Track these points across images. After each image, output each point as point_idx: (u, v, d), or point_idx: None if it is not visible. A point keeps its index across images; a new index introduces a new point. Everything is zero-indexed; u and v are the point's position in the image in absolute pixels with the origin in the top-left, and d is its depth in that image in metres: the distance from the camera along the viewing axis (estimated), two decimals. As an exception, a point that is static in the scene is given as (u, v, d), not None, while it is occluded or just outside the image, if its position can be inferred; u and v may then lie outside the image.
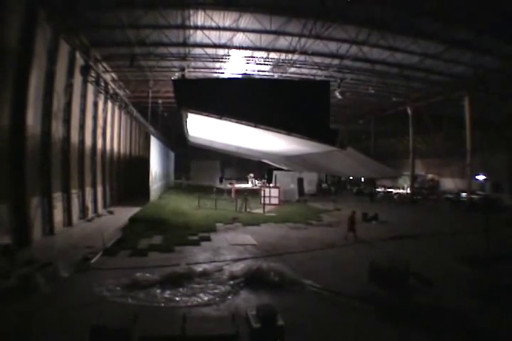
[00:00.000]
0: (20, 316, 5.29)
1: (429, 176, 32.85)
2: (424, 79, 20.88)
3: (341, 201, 24.31)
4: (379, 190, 32.19)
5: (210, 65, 19.40)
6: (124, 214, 15.73)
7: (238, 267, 7.85)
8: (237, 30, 15.11)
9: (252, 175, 43.58)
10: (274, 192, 20.52)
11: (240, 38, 16.01)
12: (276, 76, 20.17)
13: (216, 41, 16.03)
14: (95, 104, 16.83)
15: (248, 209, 18.20)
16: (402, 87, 22.63)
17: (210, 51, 17.22)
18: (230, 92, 9.91)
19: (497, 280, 6.66)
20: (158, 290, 6.47)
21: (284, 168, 28.99)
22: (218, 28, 14.82)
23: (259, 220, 15.05)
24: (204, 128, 15.34)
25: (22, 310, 5.49)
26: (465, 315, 5.53)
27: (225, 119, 10.16)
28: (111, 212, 17.29)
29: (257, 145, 17.82)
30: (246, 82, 14.06)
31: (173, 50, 17.18)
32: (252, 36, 15.75)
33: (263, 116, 9.90)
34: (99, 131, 17.39)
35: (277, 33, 15.24)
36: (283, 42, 16.25)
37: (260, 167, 39.49)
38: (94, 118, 16.74)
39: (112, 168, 20.32)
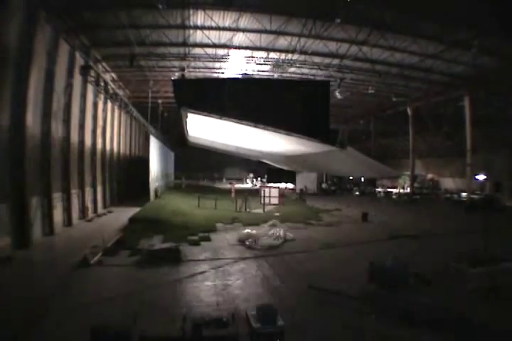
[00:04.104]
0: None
1: (429, 176, 32.87)
2: (424, 79, 20.88)
3: (341, 201, 24.34)
4: (379, 189, 32.20)
5: (210, 64, 19.40)
6: (124, 214, 15.72)
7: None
8: (237, 30, 15.11)
9: (251, 175, 43.66)
10: (274, 192, 20.52)
11: (239, 38, 16.02)
12: (276, 76, 20.17)
13: (216, 41, 16.03)
14: (95, 104, 16.82)
15: (248, 209, 18.20)
16: (402, 86, 22.62)
17: (210, 51, 17.22)
18: (230, 92, 9.93)
19: (497, 279, 6.65)
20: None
21: (284, 167, 29.02)
22: (218, 28, 14.83)
23: (259, 220, 15.03)
24: (204, 128, 15.37)
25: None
26: (465, 315, 5.52)
27: (225, 119, 10.18)
28: (111, 212, 17.29)
29: (256, 145, 17.84)
30: (246, 82, 14.09)
31: (173, 50, 17.18)
32: (252, 36, 15.76)
33: (263, 116, 9.92)
34: (99, 131, 17.39)
35: (277, 32, 15.24)
36: (283, 42, 16.25)
37: (260, 167, 39.50)
38: (94, 118, 16.73)
39: (111, 168, 20.31)
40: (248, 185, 40.11)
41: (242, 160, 38.66)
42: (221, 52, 17.48)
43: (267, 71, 20.15)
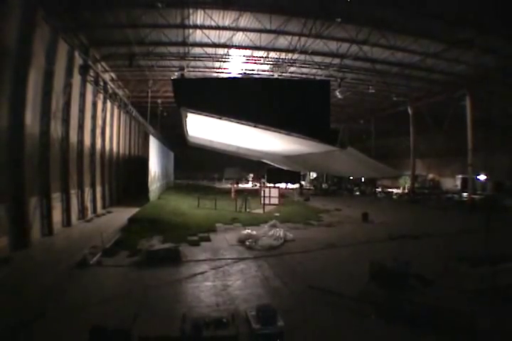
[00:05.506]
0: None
1: (430, 176, 32.83)
2: (424, 79, 20.85)
3: (341, 201, 24.31)
4: (379, 189, 32.15)
5: (210, 64, 19.36)
6: (124, 214, 15.67)
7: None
8: (237, 29, 15.07)
9: (251, 175, 43.61)
10: (274, 192, 20.47)
11: (239, 38, 15.98)
12: (276, 75, 20.13)
13: (216, 40, 15.99)
14: (94, 104, 16.78)
15: (248, 210, 18.16)
16: (402, 86, 22.60)
17: (210, 50, 17.19)
18: (229, 92, 9.87)
19: (497, 279, 6.61)
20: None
21: (284, 167, 28.96)
22: (218, 28, 14.79)
23: (259, 220, 14.98)
24: (204, 128, 15.30)
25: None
26: (465, 315, 5.48)
27: (225, 119, 10.13)
28: (110, 212, 17.25)
29: (257, 145, 17.78)
30: (246, 82, 14.01)
31: (173, 49, 17.14)
32: (252, 35, 15.71)
33: (263, 116, 9.86)
34: (98, 130, 17.35)
35: (277, 32, 15.19)
36: (283, 41, 16.21)
37: (260, 167, 39.44)
38: (93, 118, 16.70)
39: (111, 168, 20.28)
40: (248, 185, 40.06)
41: (242, 160, 38.61)
42: (221, 51, 17.43)
43: (267, 71, 20.12)
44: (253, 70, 20.21)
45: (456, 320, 5.26)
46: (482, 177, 26.07)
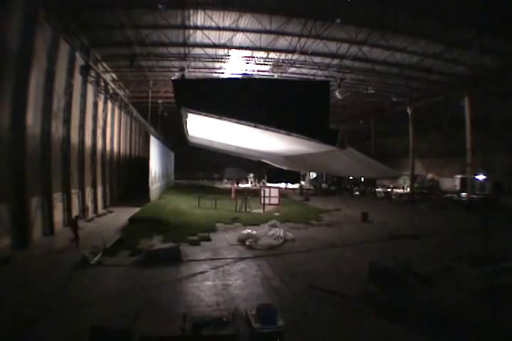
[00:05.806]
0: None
1: (429, 176, 32.87)
2: (424, 79, 20.90)
3: (341, 201, 24.34)
4: (379, 189, 32.20)
5: (210, 65, 19.41)
6: (124, 214, 15.73)
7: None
8: (237, 30, 15.12)
9: (251, 175, 43.66)
10: (274, 192, 20.51)
11: (239, 38, 16.02)
12: (276, 76, 20.17)
13: (216, 41, 16.04)
14: (95, 104, 16.83)
15: (248, 209, 18.20)
16: (402, 86, 22.64)
17: (210, 51, 17.23)
18: (230, 92, 9.94)
19: (496, 279, 6.66)
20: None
21: (284, 167, 29.02)
22: (218, 28, 14.84)
23: (259, 220, 15.01)
24: (204, 128, 15.37)
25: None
26: (465, 315, 5.53)
27: (225, 119, 10.18)
28: (111, 212, 17.29)
29: (256, 145, 17.84)
30: (246, 82, 14.08)
31: (173, 50, 17.19)
32: (252, 36, 15.76)
33: (263, 116, 9.92)
34: (99, 131, 17.39)
35: (277, 32, 15.25)
36: (283, 42, 16.26)
37: (260, 167, 39.47)
38: (94, 118, 16.75)
39: (111, 168, 20.32)
40: (248, 185, 40.11)
41: (242, 160, 38.64)
42: (221, 52, 17.48)
43: (267, 71, 20.15)
44: (253, 71, 20.24)
45: (456, 320, 5.31)
46: (481, 177, 26.12)
